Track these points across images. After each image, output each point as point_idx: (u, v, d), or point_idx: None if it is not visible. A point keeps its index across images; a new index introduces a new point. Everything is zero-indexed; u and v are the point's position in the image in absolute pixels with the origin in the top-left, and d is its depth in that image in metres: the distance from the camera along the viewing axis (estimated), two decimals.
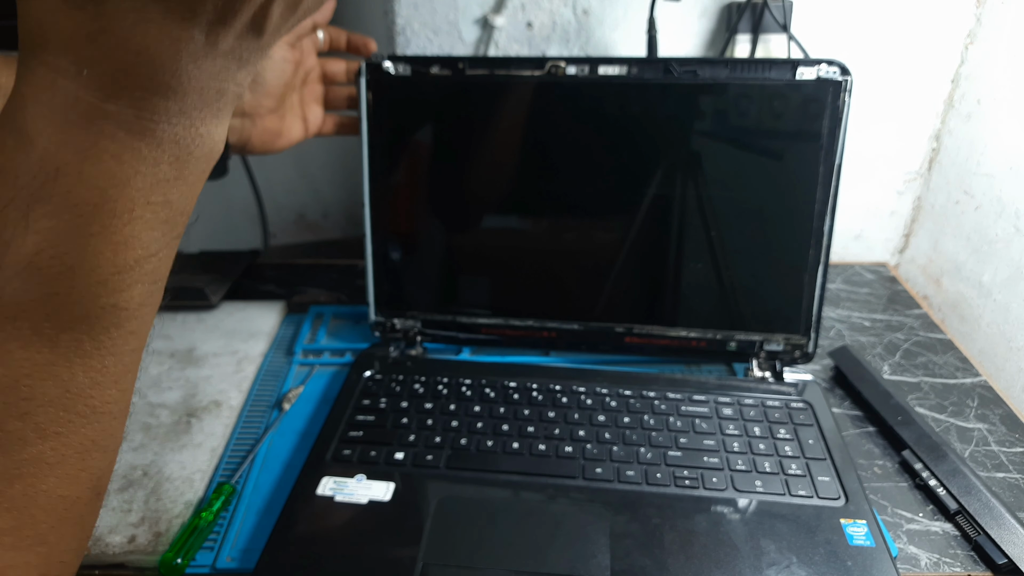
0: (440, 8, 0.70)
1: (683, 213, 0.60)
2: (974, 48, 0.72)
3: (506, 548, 0.45)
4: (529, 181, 0.61)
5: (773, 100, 0.57)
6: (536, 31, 0.72)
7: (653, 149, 0.59)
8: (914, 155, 0.79)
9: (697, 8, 0.71)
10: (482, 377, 0.59)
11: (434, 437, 0.53)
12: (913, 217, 0.83)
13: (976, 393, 0.62)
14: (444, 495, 0.49)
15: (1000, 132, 0.70)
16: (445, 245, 0.64)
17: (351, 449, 0.52)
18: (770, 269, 0.60)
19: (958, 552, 0.47)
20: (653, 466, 0.51)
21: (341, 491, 0.49)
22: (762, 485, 0.50)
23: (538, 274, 0.64)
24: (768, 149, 0.58)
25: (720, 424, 0.55)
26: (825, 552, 0.45)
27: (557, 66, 0.58)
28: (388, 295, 0.64)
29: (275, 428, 0.57)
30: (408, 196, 0.62)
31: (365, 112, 0.60)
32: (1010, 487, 0.52)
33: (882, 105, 0.76)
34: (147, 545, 0.46)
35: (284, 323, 0.71)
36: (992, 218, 0.71)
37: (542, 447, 0.53)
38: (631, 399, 0.57)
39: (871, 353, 0.67)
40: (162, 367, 0.62)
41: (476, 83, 0.59)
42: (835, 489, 0.50)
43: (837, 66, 0.55)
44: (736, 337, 0.62)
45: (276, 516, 0.47)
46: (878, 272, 0.81)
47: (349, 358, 0.65)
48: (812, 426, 0.55)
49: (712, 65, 0.57)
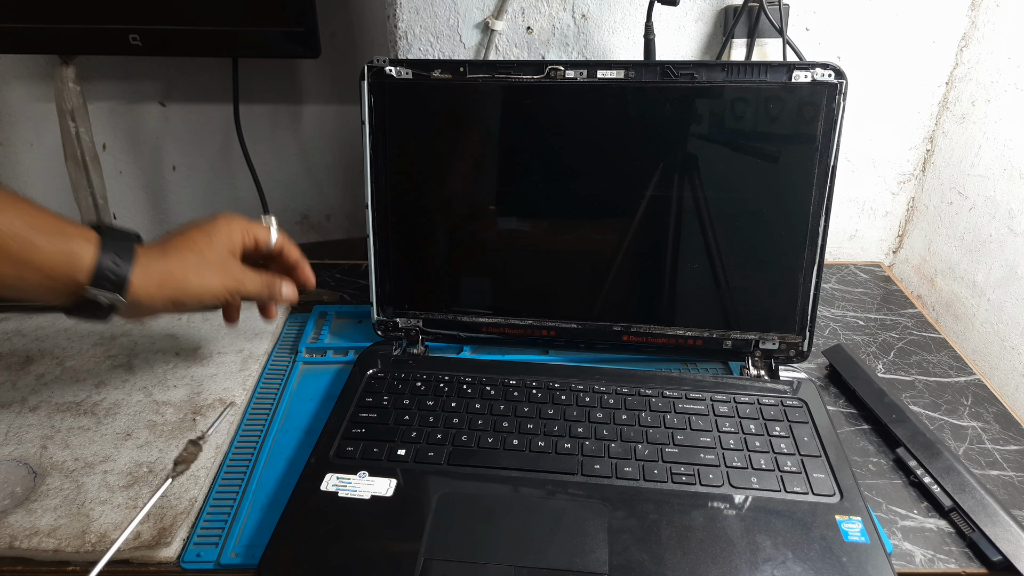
0: (441, 13, 0.71)
1: (680, 214, 0.60)
2: (968, 51, 0.73)
3: (506, 543, 0.45)
4: (529, 183, 0.62)
5: (769, 103, 0.57)
6: (536, 35, 0.72)
7: (651, 151, 0.60)
8: (908, 156, 0.80)
9: (694, 12, 0.72)
10: (483, 375, 0.60)
11: (435, 434, 0.54)
12: (907, 218, 0.84)
13: (970, 391, 0.63)
14: (445, 491, 0.50)
15: (994, 134, 0.70)
16: (446, 246, 0.64)
17: (354, 446, 0.53)
18: (766, 269, 0.61)
19: (953, 549, 0.48)
20: (650, 462, 0.52)
21: (344, 487, 0.50)
22: (758, 481, 0.50)
23: (538, 274, 0.65)
24: (764, 151, 0.59)
25: (716, 421, 0.56)
26: (820, 548, 0.45)
27: (556, 70, 0.59)
28: (390, 295, 0.65)
29: (279, 425, 0.58)
30: (409, 198, 0.63)
31: (367, 115, 0.61)
32: (1004, 485, 0.53)
33: (877, 107, 0.77)
34: (152, 541, 0.47)
35: (288, 322, 0.72)
36: (986, 218, 0.71)
37: (541, 444, 0.53)
38: (629, 397, 0.58)
39: (866, 352, 0.68)
40: (167, 365, 0.63)
41: (476, 87, 0.60)
42: (830, 486, 0.50)
43: (832, 69, 0.56)
44: (732, 336, 0.62)
45: (280, 512, 0.48)
46: (872, 272, 0.82)
47: (352, 356, 0.66)
48: (807, 424, 0.56)
49: (709, 68, 0.58)
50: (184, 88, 0.88)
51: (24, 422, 0.57)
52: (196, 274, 0.50)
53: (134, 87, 0.88)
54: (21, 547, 0.46)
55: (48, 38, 0.71)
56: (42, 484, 0.51)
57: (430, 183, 0.63)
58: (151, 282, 0.48)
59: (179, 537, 0.48)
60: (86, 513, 0.48)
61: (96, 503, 0.49)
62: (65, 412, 0.58)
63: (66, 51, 0.73)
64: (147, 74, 0.87)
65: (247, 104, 0.85)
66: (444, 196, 0.63)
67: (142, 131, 0.91)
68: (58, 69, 0.74)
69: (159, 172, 0.94)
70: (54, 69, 0.74)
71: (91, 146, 0.78)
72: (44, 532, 0.47)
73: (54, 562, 0.47)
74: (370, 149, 0.61)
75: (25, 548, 0.46)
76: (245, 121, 0.85)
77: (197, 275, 0.51)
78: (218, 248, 0.52)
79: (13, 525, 0.47)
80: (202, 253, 0.51)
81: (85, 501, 0.49)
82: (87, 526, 0.47)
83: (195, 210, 0.97)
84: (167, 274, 0.49)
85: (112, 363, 0.64)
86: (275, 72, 0.87)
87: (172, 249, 0.51)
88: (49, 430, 0.56)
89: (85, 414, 0.58)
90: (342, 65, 0.87)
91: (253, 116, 0.88)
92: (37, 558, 0.47)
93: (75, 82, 0.75)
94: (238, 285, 0.53)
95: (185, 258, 0.51)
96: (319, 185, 0.95)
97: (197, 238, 0.52)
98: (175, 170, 0.95)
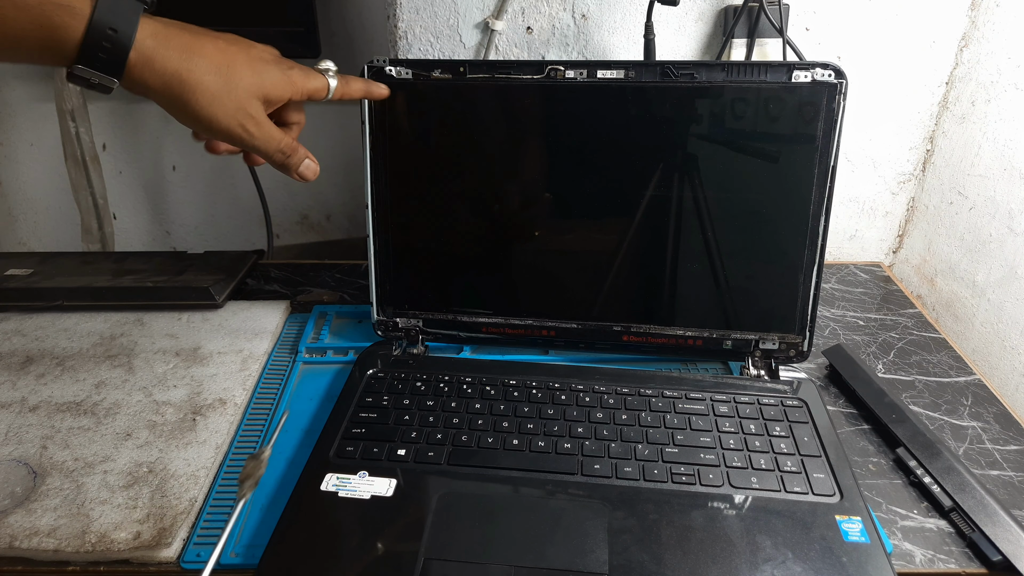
0: (441, 13, 0.71)
1: (680, 214, 0.61)
2: (968, 51, 0.73)
3: (506, 543, 0.46)
4: (529, 183, 0.62)
5: (769, 103, 0.57)
6: (536, 35, 0.72)
7: (651, 151, 0.60)
8: (908, 156, 0.80)
9: (694, 12, 0.72)
10: (483, 375, 0.60)
11: (435, 434, 0.54)
12: (907, 218, 0.84)
13: (970, 391, 0.63)
14: (445, 491, 0.50)
15: (994, 134, 0.70)
16: (446, 245, 0.64)
17: (354, 446, 0.53)
18: (766, 269, 0.61)
19: (953, 549, 0.48)
20: (650, 462, 0.52)
21: (344, 487, 0.50)
22: (758, 481, 0.50)
23: (538, 274, 0.65)
24: (764, 151, 0.59)
25: (716, 421, 0.56)
26: (820, 548, 0.45)
27: (556, 70, 0.59)
28: (390, 294, 0.65)
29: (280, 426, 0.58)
30: (409, 198, 0.63)
31: (367, 115, 0.61)
32: (1004, 485, 0.53)
33: (877, 107, 0.77)
34: (152, 541, 0.47)
35: (288, 322, 0.72)
36: (986, 219, 0.71)
37: (541, 444, 0.53)
38: (629, 397, 0.58)
39: (865, 352, 0.68)
40: (168, 365, 0.63)
41: (476, 87, 0.60)
42: (830, 486, 0.50)
43: (832, 69, 0.56)
44: (732, 336, 0.63)
45: (280, 512, 0.48)
46: (872, 272, 0.82)
47: (352, 356, 0.66)
48: (807, 424, 0.56)
49: (709, 68, 0.58)
50: None
51: (24, 422, 0.57)
52: (208, 101, 0.43)
53: None
54: (21, 547, 0.46)
55: None
56: (42, 484, 0.51)
57: (430, 183, 0.63)
58: (155, 80, 0.42)
59: (179, 537, 0.48)
60: (86, 513, 0.48)
61: (96, 503, 0.49)
62: (65, 412, 0.58)
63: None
64: None
65: None
66: (444, 196, 0.63)
67: (142, 131, 0.91)
68: (58, 69, 0.74)
69: (159, 172, 0.95)
70: (54, 69, 0.74)
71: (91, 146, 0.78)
72: (44, 532, 0.47)
73: (54, 562, 0.47)
74: (370, 149, 0.61)
75: (25, 548, 0.46)
76: None
77: (209, 102, 0.44)
78: (248, 88, 0.45)
79: (13, 525, 0.47)
80: (229, 81, 0.44)
81: (85, 501, 0.49)
82: (87, 526, 0.48)
83: (195, 210, 0.97)
84: (176, 78, 0.42)
85: (112, 363, 0.64)
86: None
87: (197, 54, 0.43)
88: (49, 430, 0.56)
89: (85, 414, 0.58)
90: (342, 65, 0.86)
91: None
92: (37, 558, 0.47)
93: None
94: (250, 139, 0.46)
95: (202, 80, 0.43)
96: (319, 185, 0.95)
97: (235, 61, 0.44)
98: (175, 170, 0.95)
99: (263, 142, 0.47)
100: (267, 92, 0.46)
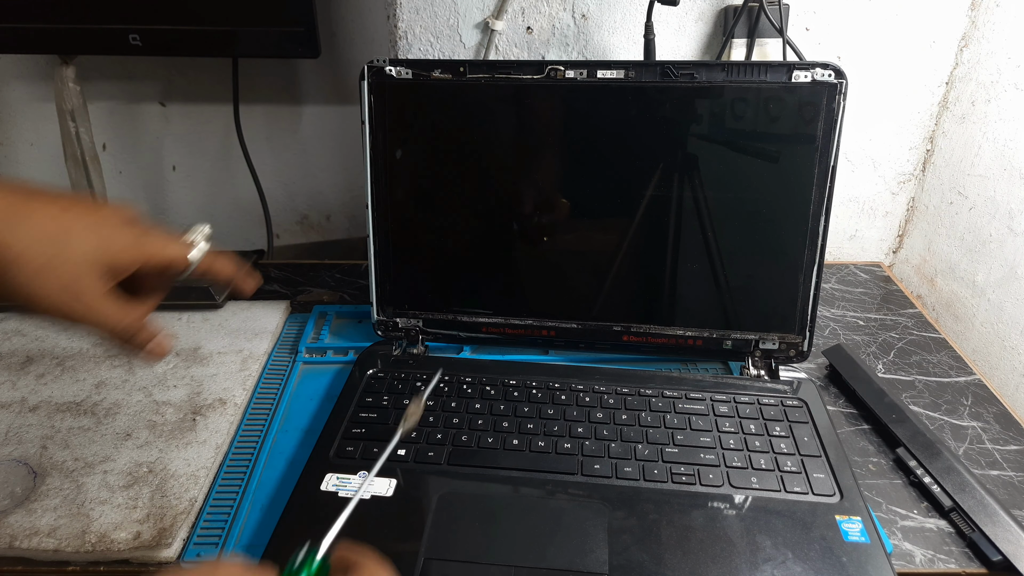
0: (441, 13, 0.71)
1: (680, 214, 0.61)
2: (968, 51, 0.73)
3: (506, 543, 0.46)
4: (529, 183, 0.62)
5: (769, 103, 0.57)
6: (536, 35, 0.72)
7: (651, 151, 0.60)
8: (908, 156, 0.80)
9: (694, 12, 0.72)
10: (483, 375, 0.60)
11: (435, 434, 0.54)
12: (907, 218, 0.84)
13: (970, 391, 0.63)
14: (445, 491, 0.50)
15: (994, 134, 0.70)
16: (446, 245, 0.64)
17: (354, 446, 0.53)
18: (766, 269, 0.61)
19: (953, 549, 0.48)
20: (650, 462, 0.52)
21: (344, 487, 0.50)
22: (758, 481, 0.50)
23: (538, 274, 0.65)
24: (764, 151, 0.59)
25: (716, 421, 0.56)
26: (820, 548, 0.45)
27: (556, 70, 0.59)
28: (390, 294, 0.65)
29: (279, 425, 0.58)
30: (409, 198, 0.63)
31: (367, 115, 0.61)
32: (1004, 485, 0.53)
33: (877, 107, 0.77)
34: (152, 541, 0.47)
35: (288, 322, 0.72)
36: (986, 219, 0.71)
37: (541, 444, 0.53)
38: (629, 397, 0.58)
39: (865, 352, 0.68)
40: (168, 365, 0.63)
41: (476, 87, 0.60)
42: (830, 486, 0.50)
43: (832, 69, 0.56)
44: (732, 336, 0.63)
45: (280, 512, 0.48)
46: (872, 272, 0.82)
47: (352, 356, 0.66)
48: (807, 424, 0.56)
49: (709, 68, 0.58)
50: (184, 88, 0.88)
51: (24, 422, 0.57)
52: (29, 276, 0.37)
53: (134, 87, 0.88)
54: (21, 547, 0.46)
55: (48, 38, 0.71)
56: (42, 484, 0.51)
57: (430, 183, 0.63)
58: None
59: (179, 537, 0.48)
60: (86, 513, 0.48)
61: (96, 503, 0.49)
62: (65, 412, 0.58)
63: (66, 51, 0.73)
64: (147, 74, 0.87)
65: (247, 104, 0.85)
66: (444, 196, 0.63)
67: (142, 131, 0.91)
68: (58, 69, 0.74)
69: (159, 172, 0.95)
70: (54, 69, 0.74)
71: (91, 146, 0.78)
72: (44, 532, 0.47)
73: (54, 562, 0.47)
74: (370, 149, 0.61)
75: (25, 548, 0.46)
76: (245, 121, 0.85)
77: (29, 278, 0.37)
78: (83, 259, 0.39)
79: (13, 525, 0.47)
80: (60, 252, 0.38)
81: (85, 501, 0.49)
82: (87, 526, 0.47)
83: (195, 210, 0.97)
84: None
85: (112, 363, 0.64)
86: (275, 72, 0.87)
87: (24, 221, 0.37)
88: (49, 430, 0.56)
89: (85, 414, 0.58)
90: (342, 65, 0.87)
91: (253, 116, 0.88)
92: (37, 558, 0.47)
93: (75, 82, 0.75)
94: (80, 319, 0.39)
95: (25, 252, 0.37)
96: (319, 185, 0.95)
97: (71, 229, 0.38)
98: (175, 170, 0.95)
99: (97, 322, 0.40)
100: (110, 261, 0.40)
